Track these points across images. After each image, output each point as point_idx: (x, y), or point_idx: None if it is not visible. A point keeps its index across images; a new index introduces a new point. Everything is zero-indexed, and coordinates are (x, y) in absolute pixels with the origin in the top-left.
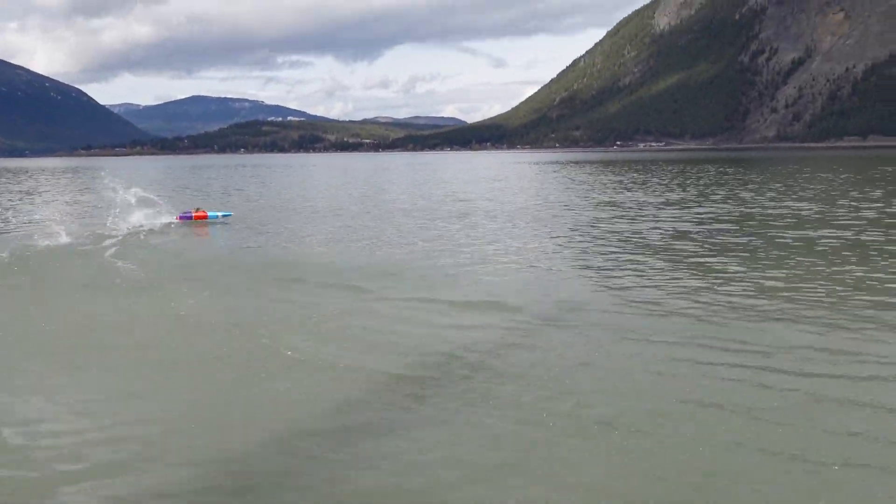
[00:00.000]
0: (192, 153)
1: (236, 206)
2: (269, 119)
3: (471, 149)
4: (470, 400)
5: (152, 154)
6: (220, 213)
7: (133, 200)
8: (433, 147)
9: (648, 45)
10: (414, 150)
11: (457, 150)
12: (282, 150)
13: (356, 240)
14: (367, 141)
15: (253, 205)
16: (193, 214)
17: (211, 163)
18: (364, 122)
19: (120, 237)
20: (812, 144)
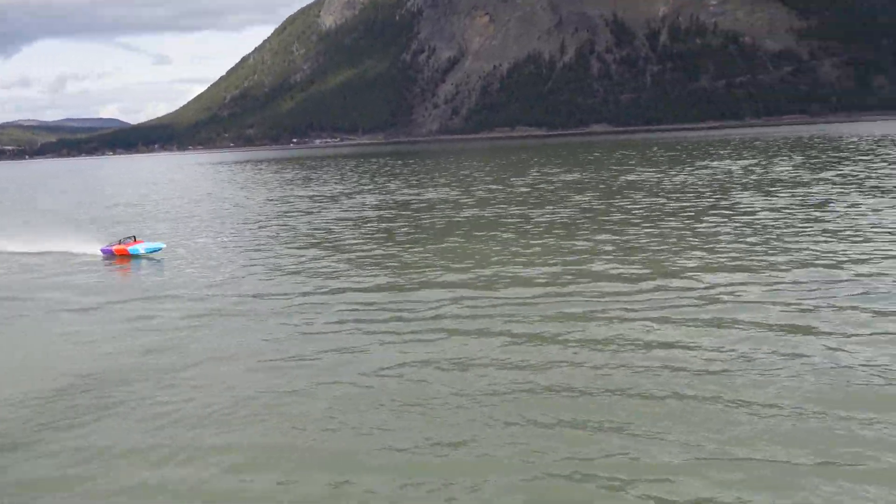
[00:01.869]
0: None
1: None
2: None
3: (137, 151)
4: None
5: None
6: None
7: None
8: (92, 152)
9: (316, 43)
10: (69, 155)
11: (121, 153)
12: None
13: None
14: (10, 148)
15: None
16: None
17: None
18: (4, 126)
19: None
20: (470, 136)
